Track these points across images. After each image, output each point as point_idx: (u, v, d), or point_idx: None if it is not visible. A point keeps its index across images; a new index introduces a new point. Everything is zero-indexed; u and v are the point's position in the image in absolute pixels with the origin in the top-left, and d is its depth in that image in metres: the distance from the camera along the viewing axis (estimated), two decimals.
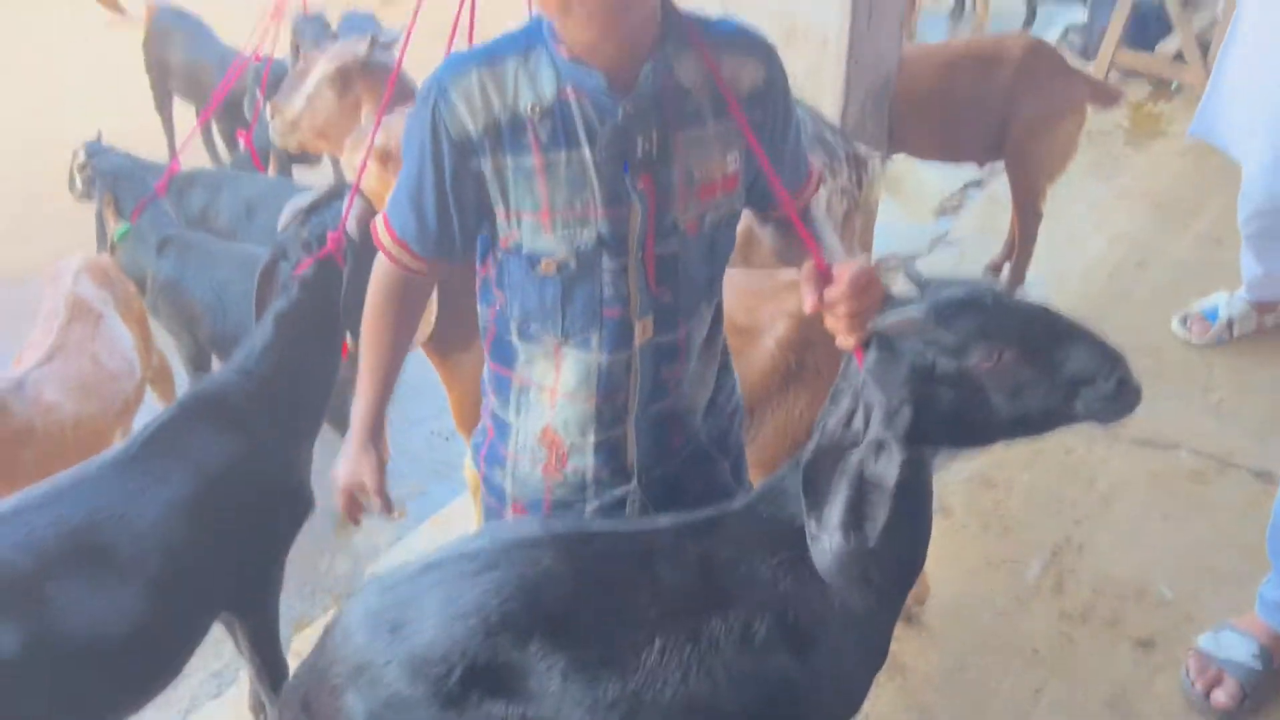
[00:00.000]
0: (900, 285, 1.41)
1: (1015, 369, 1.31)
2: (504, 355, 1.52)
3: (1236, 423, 3.05)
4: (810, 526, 1.32)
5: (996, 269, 3.92)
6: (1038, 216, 3.63)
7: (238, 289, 2.95)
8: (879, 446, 1.32)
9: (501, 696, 1.29)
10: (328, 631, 1.38)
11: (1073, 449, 2.96)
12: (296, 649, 2.34)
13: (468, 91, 1.28)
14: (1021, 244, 3.66)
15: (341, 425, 2.91)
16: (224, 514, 1.86)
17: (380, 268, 1.53)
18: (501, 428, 1.58)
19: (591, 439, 1.50)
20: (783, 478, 1.45)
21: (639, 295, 1.40)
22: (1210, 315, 3.41)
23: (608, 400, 1.48)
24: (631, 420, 1.51)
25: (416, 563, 1.38)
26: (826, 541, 1.31)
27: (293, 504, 2.06)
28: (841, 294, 1.28)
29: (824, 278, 1.31)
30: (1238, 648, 2.21)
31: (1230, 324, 3.37)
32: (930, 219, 4.65)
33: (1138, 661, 2.32)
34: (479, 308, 1.54)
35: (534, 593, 1.32)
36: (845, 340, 1.33)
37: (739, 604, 1.36)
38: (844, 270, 1.29)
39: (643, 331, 1.43)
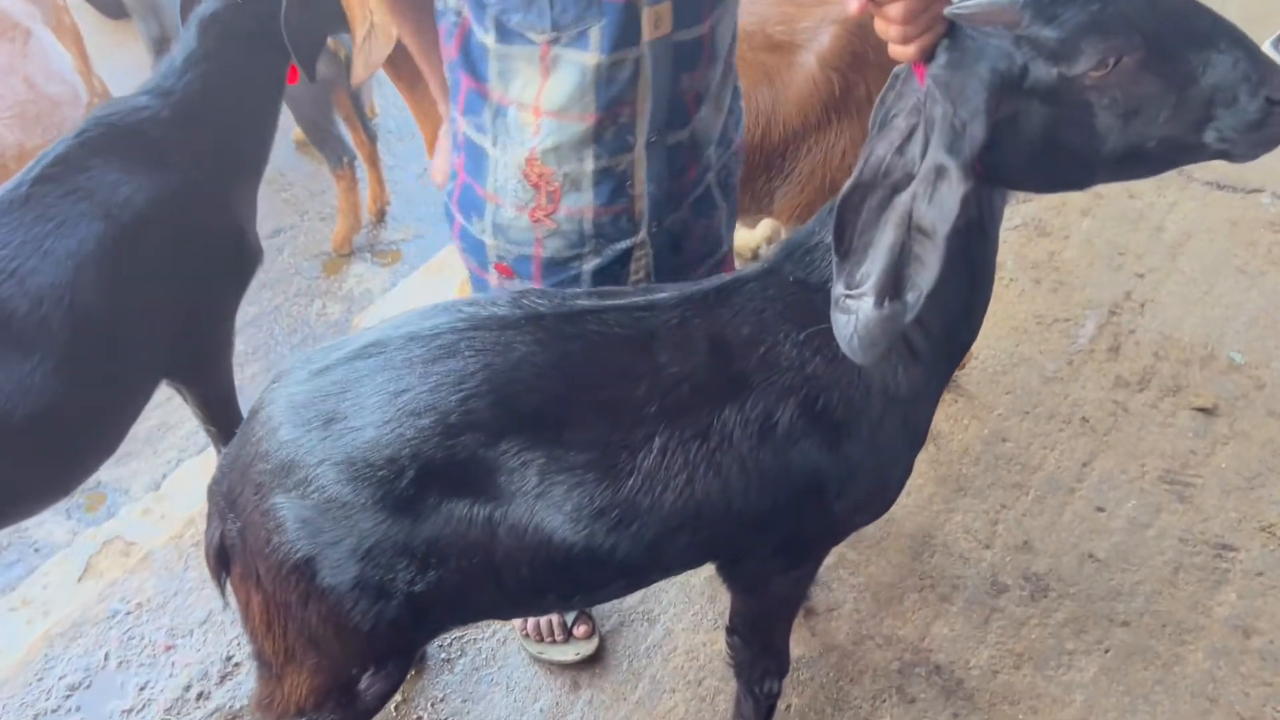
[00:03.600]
0: None
1: (1135, 80, 0.98)
2: (476, 61, 1.21)
3: None
4: (835, 288, 1.03)
5: None
6: None
7: None
8: (936, 175, 0.99)
9: (465, 495, 1.07)
10: (250, 417, 1.13)
11: (1138, 193, 2.63)
12: None
13: None
14: None
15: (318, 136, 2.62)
16: (146, 268, 1.57)
17: None
18: (476, 159, 1.28)
19: (590, 166, 1.22)
20: (813, 232, 1.16)
21: None
22: None
23: (609, 117, 1.19)
24: (640, 146, 1.22)
25: (353, 339, 1.12)
26: (853, 308, 1.01)
27: (234, 255, 1.76)
28: None
29: None
30: None
31: None
32: None
33: (1198, 432, 2.09)
34: None
35: (504, 388, 1.06)
36: (900, 50, 1.00)
37: (758, 391, 1.12)
38: None
39: (655, 24, 1.13)
